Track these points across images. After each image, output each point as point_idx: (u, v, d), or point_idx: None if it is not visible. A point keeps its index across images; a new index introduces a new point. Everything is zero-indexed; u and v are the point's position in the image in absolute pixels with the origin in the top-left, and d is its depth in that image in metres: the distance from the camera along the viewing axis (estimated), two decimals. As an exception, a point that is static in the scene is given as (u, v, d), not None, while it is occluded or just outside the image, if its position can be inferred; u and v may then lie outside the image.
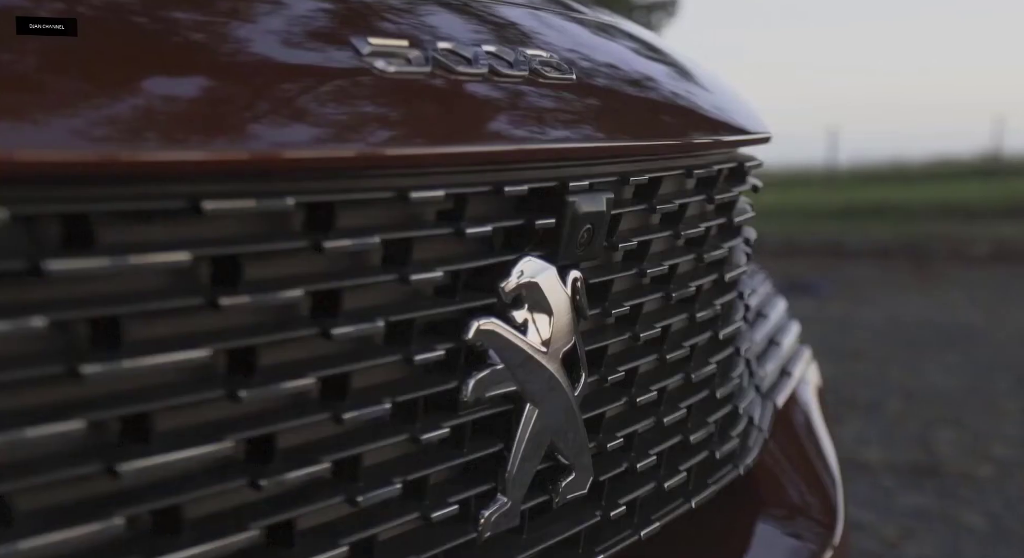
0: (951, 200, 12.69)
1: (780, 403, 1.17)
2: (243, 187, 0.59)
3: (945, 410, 4.12)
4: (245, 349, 0.61)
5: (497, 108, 0.75)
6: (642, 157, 0.87)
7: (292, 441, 0.64)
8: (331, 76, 0.67)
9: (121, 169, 0.53)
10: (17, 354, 0.52)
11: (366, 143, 0.65)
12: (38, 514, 0.53)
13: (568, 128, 0.80)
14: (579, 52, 0.91)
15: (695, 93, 1.00)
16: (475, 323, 0.73)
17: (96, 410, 0.54)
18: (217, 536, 0.59)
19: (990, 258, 8.70)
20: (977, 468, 3.45)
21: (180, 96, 0.57)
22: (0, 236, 0.51)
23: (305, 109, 0.63)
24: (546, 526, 0.80)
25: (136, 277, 0.56)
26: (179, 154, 0.55)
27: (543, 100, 0.80)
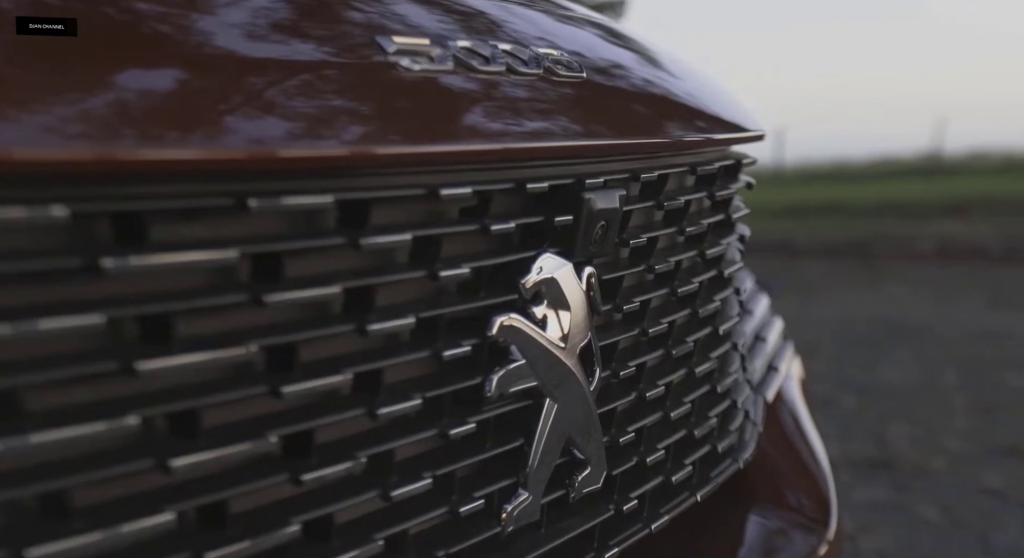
0: (895, 199, 12.91)
1: (770, 398, 1.19)
2: (286, 185, 0.60)
3: (898, 405, 4.20)
4: (286, 346, 0.61)
5: (518, 106, 0.76)
6: (651, 154, 0.88)
7: (328, 437, 0.64)
8: (360, 75, 0.67)
9: (171, 168, 0.54)
10: (75, 351, 0.52)
11: (399, 141, 0.65)
12: (94, 510, 0.53)
13: (583, 125, 0.81)
14: (583, 51, 0.92)
15: (695, 92, 1.02)
16: (498, 319, 0.74)
17: (149, 406, 0.54)
18: (261, 531, 0.59)
19: (935, 255, 8.87)
20: (930, 461, 3.51)
21: (227, 98, 0.57)
22: (60, 234, 0.51)
23: (339, 108, 0.63)
24: (563, 520, 0.81)
25: (183, 275, 0.56)
26: (226, 153, 0.55)
27: (558, 98, 0.81)
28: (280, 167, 0.59)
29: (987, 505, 3.11)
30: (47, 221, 0.49)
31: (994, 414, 4.04)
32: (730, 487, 1.03)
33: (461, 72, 0.73)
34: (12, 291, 0.50)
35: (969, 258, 8.71)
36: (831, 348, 5.27)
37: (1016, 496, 3.17)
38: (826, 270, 8.14)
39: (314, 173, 0.62)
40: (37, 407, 0.51)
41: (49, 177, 0.50)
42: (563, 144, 0.77)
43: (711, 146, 0.97)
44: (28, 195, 0.49)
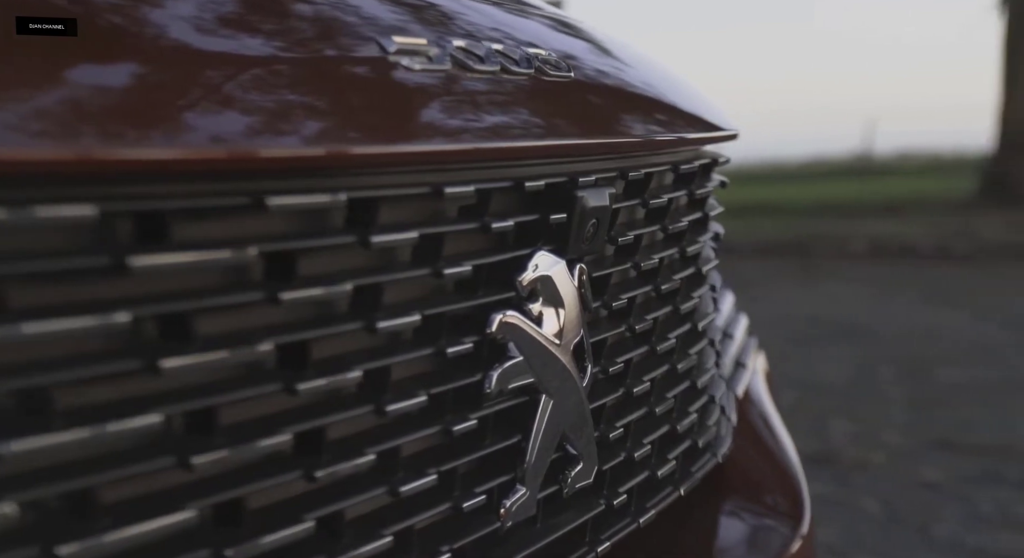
0: (828, 199, 13.14)
1: (739, 394, 1.22)
2: (300, 184, 0.60)
3: (837, 401, 4.28)
4: (299, 343, 0.61)
5: (514, 105, 0.77)
6: (638, 153, 0.90)
7: (338, 434, 0.64)
8: (364, 75, 0.68)
9: (191, 167, 0.54)
10: (100, 350, 0.51)
11: (406, 140, 0.66)
12: (118, 507, 0.52)
13: (575, 125, 0.83)
14: (568, 52, 0.93)
15: (673, 92, 1.03)
16: (497, 316, 0.74)
17: (171, 404, 0.54)
18: (277, 528, 0.59)
19: (869, 254, 9.05)
20: (870, 456, 3.59)
21: (246, 99, 0.57)
22: (88, 233, 0.50)
23: (346, 107, 0.64)
24: (557, 515, 0.82)
25: (202, 273, 0.56)
26: (246, 152, 0.55)
27: (550, 97, 0.82)
28: (295, 166, 0.59)
29: (926, 498, 3.19)
30: (75, 221, 0.49)
31: (930, 409, 4.14)
32: (706, 482, 1.05)
33: (459, 72, 0.74)
34: (41, 290, 0.49)
35: (901, 257, 8.91)
36: (770, 346, 5.34)
37: (953, 489, 3.25)
38: (763, 269, 8.26)
39: (326, 172, 0.62)
40: (64, 406, 0.50)
41: (74, 177, 0.49)
42: (559, 143, 0.78)
43: (692, 144, 0.98)
44: (56, 195, 0.49)
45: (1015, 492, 3.21)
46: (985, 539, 2.86)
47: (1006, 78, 13.10)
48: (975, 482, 3.30)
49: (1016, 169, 12.55)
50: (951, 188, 13.88)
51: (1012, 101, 12.96)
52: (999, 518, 3.01)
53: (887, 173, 18.22)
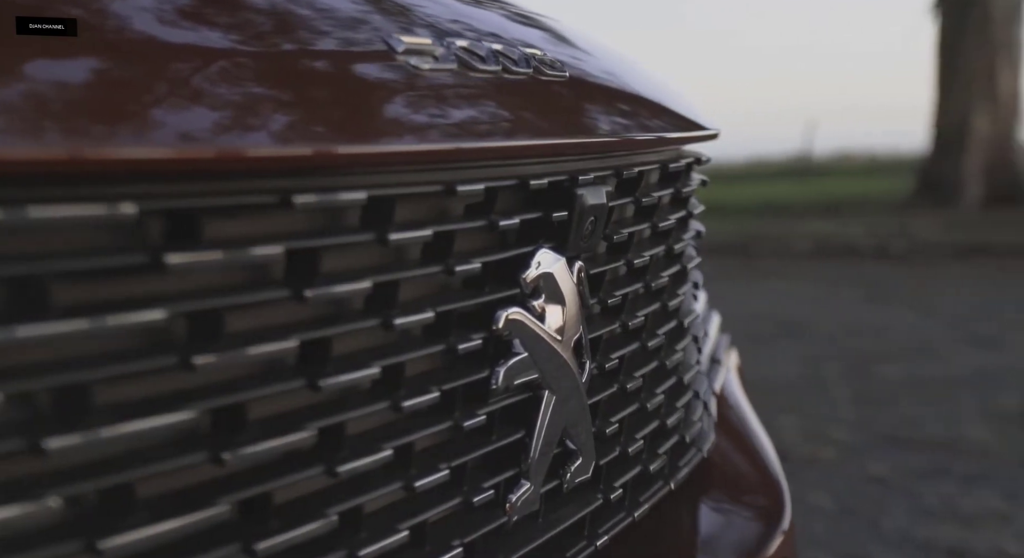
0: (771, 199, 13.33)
1: (716, 390, 1.24)
2: (324, 182, 0.60)
3: (785, 398, 4.34)
4: (320, 340, 0.61)
5: (517, 104, 0.78)
6: (630, 151, 0.91)
7: (356, 429, 0.65)
8: (377, 75, 0.68)
9: (222, 166, 0.54)
10: (137, 346, 0.51)
11: (422, 139, 0.66)
12: (153, 502, 0.52)
13: (574, 124, 0.84)
14: (559, 52, 0.94)
15: (658, 92, 1.05)
16: (503, 313, 0.75)
17: (202, 400, 0.54)
18: (302, 522, 0.60)
19: (810, 254, 9.19)
20: (820, 452, 3.65)
21: (272, 100, 0.58)
22: (127, 231, 0.50)
23: (359, 106, 0.64)
24: (558, 510, 0.83)
25: (232, 271, 0.57)
26: (274, 151, 0.55)
27: (549, 97, 0.83)
28: (320, 164, 0.60)
29: (875, 492, 3.25)
30: (117, 219, 0.49)
31: (876, 405, 4.22)
32: (689, 478, 1.06)
33: (464, 71, 0.74)
34: (83, 287, 0.49)
35: (842, 256, 9.06)
36: (718, 344, 5.41)
37: (900, 483, 3.32)
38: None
39: (348, 170, 0.62)
40: (104, 402, 0.50)
41: (113, 175, 0.49)
42: (562, 141, 0.79)
43: (679, 143, 1.00)
44: (96, 193, 0.49)
45: (960, 486, 3.28)
46: (932, 532, 2.92)
47: (940, 81, 13.37)
48: (922, 477, 3.37)
49: (950, 170, 12.83)
50: (888, 188, 14.15)
51: (946, 103, 13.23)
52: (945, 511, 3.07)
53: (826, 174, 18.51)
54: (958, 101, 13.00)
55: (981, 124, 12.86)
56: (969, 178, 12.64)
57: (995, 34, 12.82)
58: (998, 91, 12.93)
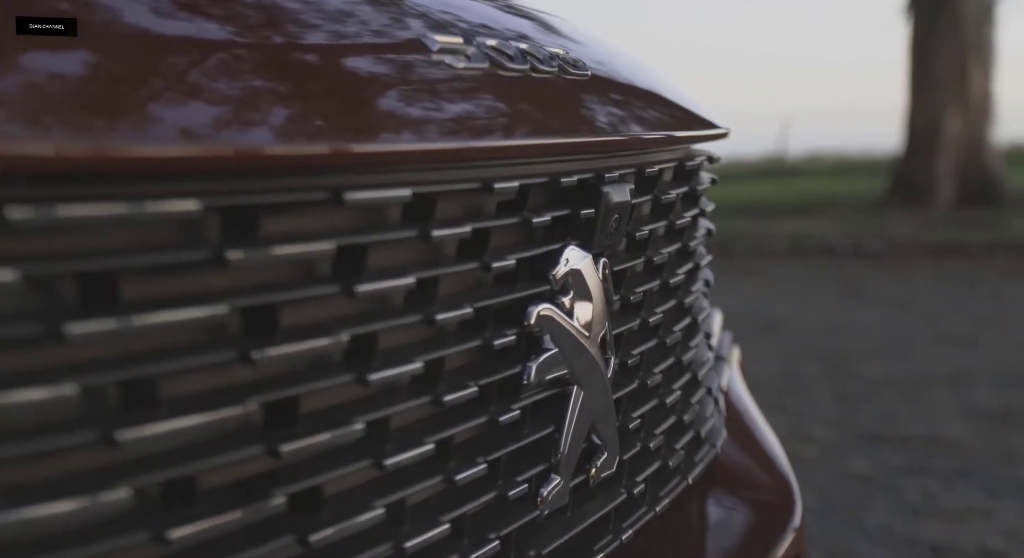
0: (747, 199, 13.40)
1: (723, 386, 1.25)
2: (374, 179, 0.61)
3: (766, 396, 4.37)
4: (367, 335, 0.62)
5: (547, 102, 0.79)
6: (650, 149, 0.92)
7: (400, 423, 0.65)
8: (414, 74, 0.69)
9: (279, 163, 0.54)
10: (199, 341, 0.52)
11: (463, 136, 0.67)
12: (215, 494, 0.53)
13: (599, 122, 0.85)
14: (578, 51, 0.95)
15: (671, 91, 1.06)
16: (535, 309, 0.76)
17: (260, 394, 0.55)
18: (352, 515, 0.60)
19: (787, 253, 9.25)
20: (802, 449, 3.68)
21: (324, 100, 0.59)
22: (190, 227, 0.51)
23: (398, 105, 0.65)
24: (584, 504, 0.84)
25: (286, 267, 0.57)
26: (328, 148, 0.56)
27: (575, 95, 0.84)
28: (368, 162, 0.60)
29: (857, 489, 3.28)
30: (181, 216, 0.50)
31: (855, 403, 4.26)
32: (702, 473, 1.07)
33: (495, 70, 0.75)
34: (149, 283, 0.50)
35: (818, 255, 9.13)
36: (698, 342, 5.43)
37: (882, 480, 3.35)
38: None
39: (394, 167, 0.63)
40: (169, 395, 0.51)
41: (177, 173, 0.50)
42: (591, 139, 0.80)
43: (694, 141, 1.01)
44: (159, 191, 0.49)
45: (940, 482, 3.32)
46: (915, 528, 2.95)
47: (913, 82, 13.48)
48: (903, 474, 3.40)
49: (923, 170, 12.94)
50: (861, 189, 14.26)
51: (919, 104, 13.34)
52: (928, 508, 3.11)
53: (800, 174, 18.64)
54: (931, 102, 13.12)
55: (953, 125, 12.98)
56: (942, 178, 12.76)
57: (967, 35, 12.94)
58: (970, 92, 13.05)
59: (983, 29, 13.20)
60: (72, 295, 0.48)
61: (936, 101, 13.08)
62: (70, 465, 0.48)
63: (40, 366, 0.46)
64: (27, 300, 0.46)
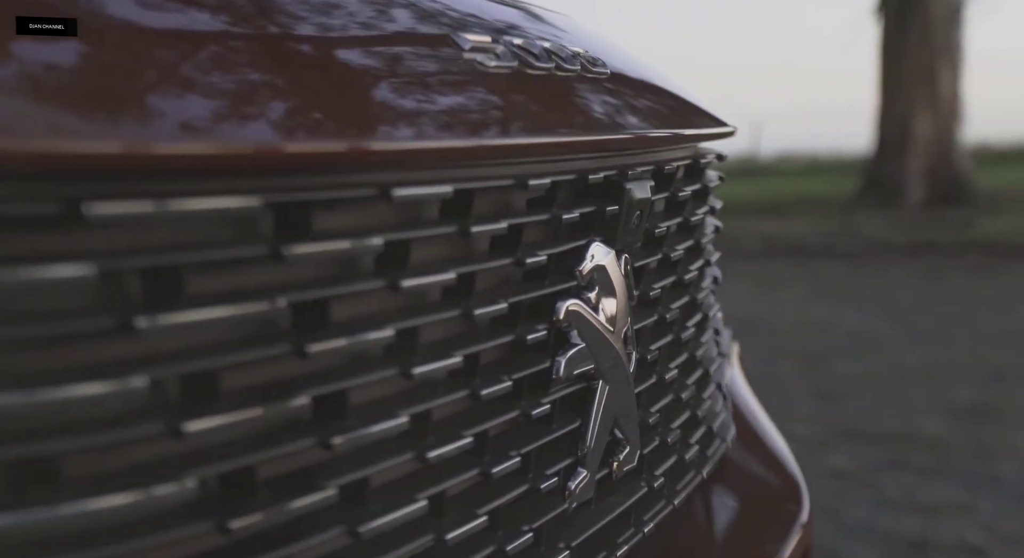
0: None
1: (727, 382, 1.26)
2: (419, 176, 0.62)
3: (744, 394, 4.41)
4: (411, 329, 0.62)
5: (573, 100, 0.80)
6: (669, 146, 0.93)
7: (439, 417, 0.66)
8: (449, 73, 0.70)
9: (332, 160, 0.55)
10: (254, 335, 0.53)
11: (501, 134, 0.68)
12: (270, 485, 0.54)
13: (621, 119, 0.86)
14: (596, 50, 0.96)
15: (680, 89, 1.07)
16: (563, 304, 0.77)
17: (314, 387, 0.55)
18: (397, 507, 0.61)
19: (760, 252, 9.32)
20: (782, 446, 3.71)
21: (368, 98, 0.60)
22: (249, 224, 0.51)
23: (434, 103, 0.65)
24: (608, 497, 0.85)
25: (335, 263, 0.58)
26: (376, 145, 0.57)
27: (597, 93, 0.85)
28: (415, 159, 0.61)
29: (836, 486, 3.31)
30: (241, 212, 0.50)
31: (832, 400, 4.30)
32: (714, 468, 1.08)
33: (522, 69, 0.76)
34: (210, 279, 0.50)
35: (790, 254, 9.21)
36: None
37: (860, 477, 3.39)
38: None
39: (438, 164, 0.64)
40: (229, 388, 0.51)
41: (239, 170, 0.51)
42: (616, 137, 0.81)
43: (706, 139, 1.02)
44: (223, 187, 0.50)
45: (918, 478, 3.36)
46: (895, 524, 2.99)
47: (883, 84, 13.62)
48: (881, 469, 3.44)
49: (893, 170, 13.08)
50: (832, 189, 14.39)
51: (889, 106, 13.48)
52: (906, 503, 3.15)
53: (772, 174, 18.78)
54: (900, 103, 13.25)
55: (923, 126, 13.12)
56: (912, 178, 12.90)
57: (936, 38, 13.09)
58: (939, 93, 13.19)
59: (951, 31, 13.35)
60: (140, 290, 0.48)
61: (906, 102, 13.21)
62: (135, 457, 0.48)
63: (111, 359, 0.47)
64: (99, 295, 0.47)
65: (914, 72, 13.17)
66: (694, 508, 1.04)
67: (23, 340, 0.44)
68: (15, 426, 0.44)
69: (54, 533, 0.44)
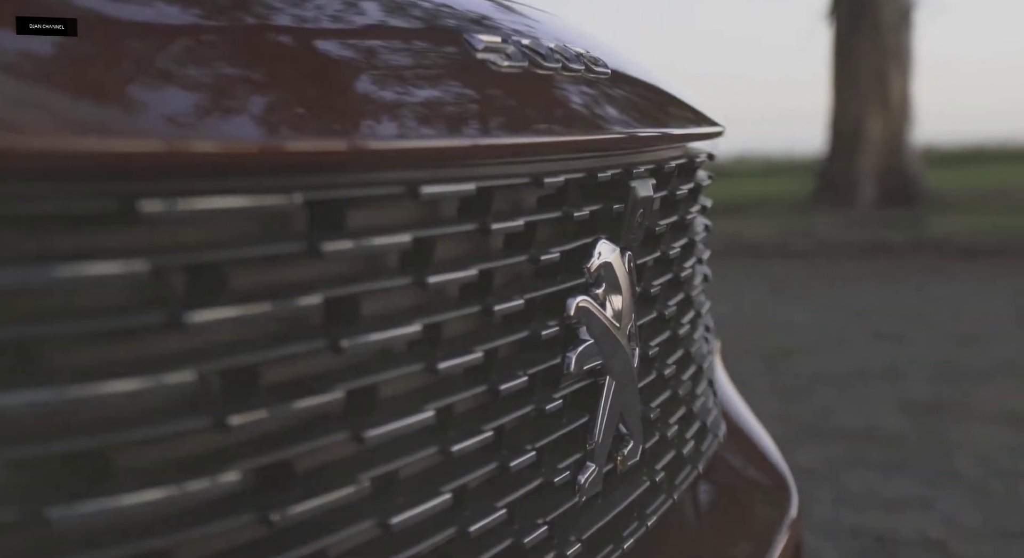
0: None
1: (712, 378, 1.28)
2: (444, 174, 0.62)
3: (707, 392, 4.45)
4: (435, 325, 0.63)
5: (582, 99, 0.81)
6: (669, 145, 0.95)
7: (461, 410, 0.67)
8: (458, 72, 0.70)
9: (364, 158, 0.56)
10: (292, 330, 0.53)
11: (520, 132, 0.69)
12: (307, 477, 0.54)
13: (625, 118, 0.87)
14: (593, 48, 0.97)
15: (673, 87, 1.09)
16: (574, 301, 0.78)
17: (345, 382, 0.56)
18: (423, 500, 0.62)
19: (718, 253, 9.39)
20: (745, 444, 3.75)
21: (397, 99, 0.61)
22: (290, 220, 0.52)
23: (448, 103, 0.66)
24: (613, 491, 0.86)
25: (367, 259, 0.58)
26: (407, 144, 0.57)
27: (602, 92, 0.86)
28: (444, 157, 0.62)
29: (802, 482, 3.34)
30: (284, 209, 0.51)
31: (794, 398, 4.35)
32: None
33: (532, 69, 0.77)
34: (252, 274, 0.51)
35: (748, 254, 9.30)
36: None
37: (825, 473, 3.44)
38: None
39: (463, 162, 0.64)
40: (267, 382, 0.52)
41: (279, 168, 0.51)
42: (623, 135, 0.82)
43: (700, 138, 1.04)
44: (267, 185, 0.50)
45: (880, 474, 3.42)
46: (859, 519, 3.04)
47: (835, 86, 13.79)
48: (844, 466, 3.49)
49: (846, 171, 13.26)
50: (787, 190, 14.55)
51: (841, 107, 13.65)
52: (870, 499, 3.20)
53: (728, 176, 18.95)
54: (852, 105, 13.43)
55: (874, 127, 13.30)
56: (864, 179, 13.08)
57: (886, 40, 13.28)
58: (889, 95, 13.39)
59: (901, 34, 13.55)
60: (186, 286, 0.49)
61: (858, 104, 13.39)
62: (181, 450, 0.49)
63: (160, 353, 0.47)
64: (148, 291, 0.47)
65: (865, 74, 13.35)
66: (688, 504, 1.05)
67: (79, 336, 0.44)
68: (69, 420, 0.44)
69: (106, 524, 0.45)
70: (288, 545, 0.53)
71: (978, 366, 4.86)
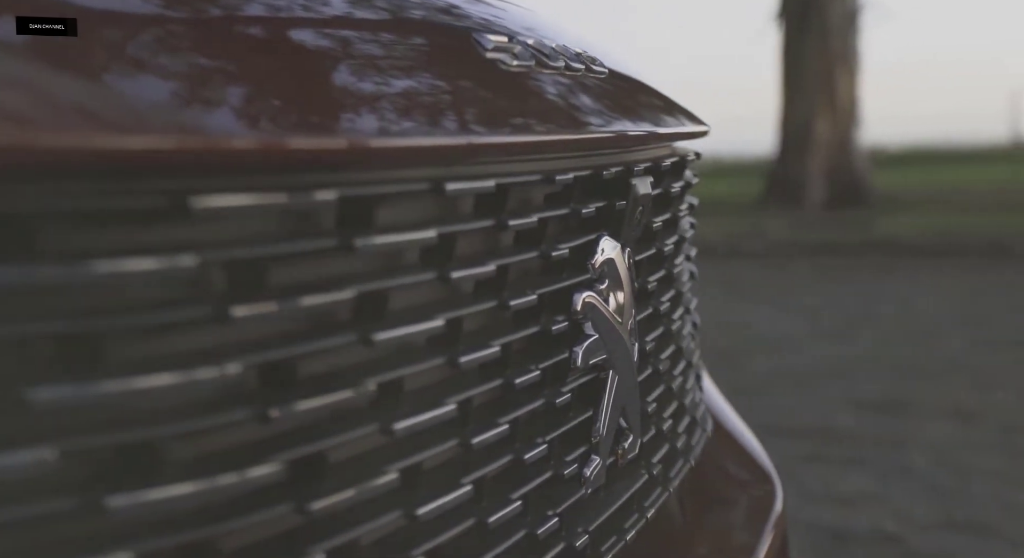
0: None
1: (693, 374, 1.30)
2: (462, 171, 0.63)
3: (665, 390, 4.49)
4: (456, 320, 0.64)
5: (586, 99, 0.82)
6: (662, 143, 0.96)
7: (479, 404, 0.68)
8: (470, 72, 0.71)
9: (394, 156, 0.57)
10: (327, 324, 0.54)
11: (534, 130, 0.70)
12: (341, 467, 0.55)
13: (626, 116, 0.88)
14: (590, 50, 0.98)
15: (666, 91, 1.10)
16: (580, 296, 0.79)
17: (381, 373, 0.56)
18: (446, 492, 0.63)
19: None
20: (703, 441, 3.79)
21: (420, 98, 0.61)
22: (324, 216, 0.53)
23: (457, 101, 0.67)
24: (614, 485, 0.87)
25: (392, 254, 0.59)
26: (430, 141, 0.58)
27: (602, 91, 0.88)
28: (466, 154, 0.63)
29: (759, 479, 3.40)
30: (320, 205, 0.51)
31: (750, 396, 4.40)
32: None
33: (539, 69, 0.78)
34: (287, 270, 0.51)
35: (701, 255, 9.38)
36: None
37: (786, 469, 3.48)
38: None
39: (479, 160, 0.65)
40: (303, 375, 0.52)
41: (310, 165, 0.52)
42: (626, 134, 0.84)
43: (690, 137, 1.05)
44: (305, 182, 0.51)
45: (836, 470, 3.47)
46: (816, 514, 3.09)
47: (784, 88, 13.97)
48: (801, 463, 3.55)
49: (795, 172, 13.43)
50: (736, 191, 14.70)
51: (790, 109, 13.83)
52: (826, 495, 3.25)
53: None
54: (801, 107, 13.61)
55: (822, 129, 13.49)
56: (813, 179, 13.26)
57: (833, 43, 13.48)
58: (837, 97, 13.59)
59: (848, 37, 13.76)
60: (229, 281, 0.49)
61: (806, 105, 13.57)
62: (224, 442, 0.49)
63: (207, 347, 0.47)
64: (195, 285, 0.47)
65: (813, 76, 13.54)
66: (679, 498, 1.06)
67: (132, 328, 0.44)
68: (119, 413, 0.44)
69: (157, 514, 0.45)
70: (322, 536, 0.53)
71: (926, 364, 4.96)
